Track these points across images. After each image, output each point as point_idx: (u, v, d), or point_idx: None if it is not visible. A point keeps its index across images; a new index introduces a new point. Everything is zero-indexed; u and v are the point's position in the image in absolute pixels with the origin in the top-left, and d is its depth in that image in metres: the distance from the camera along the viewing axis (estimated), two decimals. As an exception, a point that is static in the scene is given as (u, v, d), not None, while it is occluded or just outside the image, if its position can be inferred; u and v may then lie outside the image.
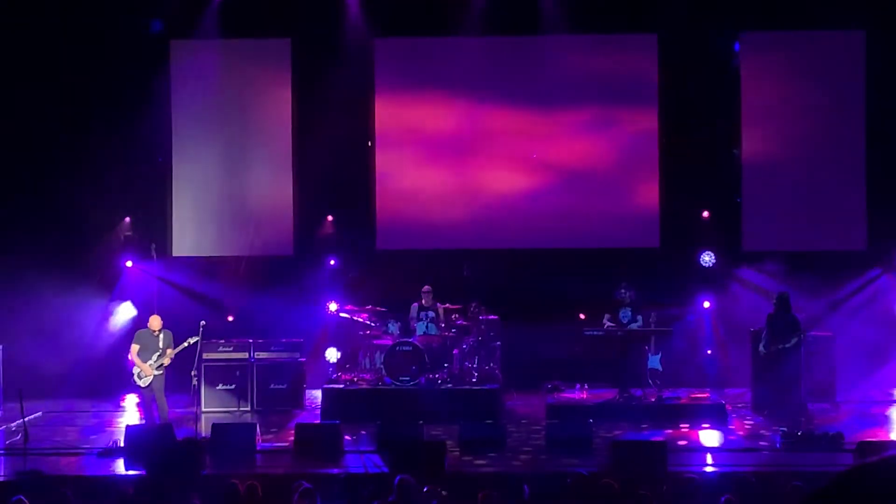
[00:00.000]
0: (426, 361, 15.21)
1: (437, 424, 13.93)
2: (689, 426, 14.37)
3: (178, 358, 13.98)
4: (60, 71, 17.00)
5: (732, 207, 17.58)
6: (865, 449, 11.58)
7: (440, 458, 11.91)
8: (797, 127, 17.50)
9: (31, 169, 17.27)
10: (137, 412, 15.45)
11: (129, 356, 14.23)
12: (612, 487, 9.31)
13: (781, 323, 15.20)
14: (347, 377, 15.62)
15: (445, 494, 9.32)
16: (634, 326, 15.39)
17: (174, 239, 17.91)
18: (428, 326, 15.87)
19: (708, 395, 15.83)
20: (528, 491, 9.87)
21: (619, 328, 15.35)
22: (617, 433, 13.72)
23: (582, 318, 16.40)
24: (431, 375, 15.42)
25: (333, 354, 15.79)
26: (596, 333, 15.42)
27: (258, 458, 12.89)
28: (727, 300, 17.40)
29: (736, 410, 15.47)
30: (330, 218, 17.80)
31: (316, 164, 17.62)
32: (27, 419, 13.52)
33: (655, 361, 15.44)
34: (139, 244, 17.62)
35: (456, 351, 15.74)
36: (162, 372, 13.98)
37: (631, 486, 9.52)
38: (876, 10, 16.97)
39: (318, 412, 15.43)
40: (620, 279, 15.78)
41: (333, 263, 17.56)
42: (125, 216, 17.73)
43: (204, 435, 13.30)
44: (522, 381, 16.54)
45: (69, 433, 14.57)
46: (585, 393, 15.94)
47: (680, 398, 15.59)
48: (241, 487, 9.27)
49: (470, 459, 12.62)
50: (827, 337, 16.21)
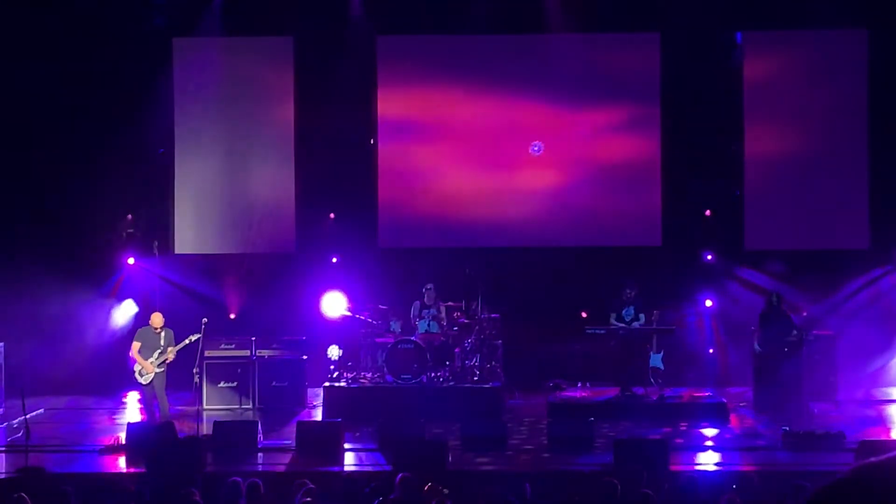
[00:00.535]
0: (428, 360, 15.20)
1: (438, 422, 13.93)
2: (690, 425, 14.36)
3: (179, 355, 13.98)
4: (63, 69, 16.98)
5: (734, 206, 17.57)
6: (867, 448, 11.57)
7: (442, 456, 11.91)
8: (799, 125, 17.48)
9: (33, 166, 17.26)
10: (139, 410, 15.45)
11: (130, 353, 14.23)
12: (613, 486, 9.31)
13: (775, 321, 15.23)
14: (349, 375, 15.61)
15: (447, 493, 9.31)
16: (637, 325, 15.39)
17: (176, 236, 17.90)
18: (430, 324, 15.86)
19: (709, 393, 15.82)
20: (529, 489, 9.88)
21: (622, 326, 15.35)
22: (618, 432, 13.72)
23: (584, 316, 16.40)
24: (433, 374, 15.41)
25: (335, 352, 15.79)
26: (598, 332, 15.43)
27: (260, 455, 12.88)
28: (729, 299, 17.39)
29: (737, 409, 15.46)
30: (332, 215, 17.79)
31: (318, 161, 17.63)
32: (29, 416, 13.52)
33: (657, 360, 15.43)
34: (141, 241, 17.62)
35: (458, 349, 15.73)
36: (163, 369, 13.98)
37: (633, 484, 9.52)
38: (879, 8, 16.95)
39: (319, 410, 15.43)
40: (622, 277, 15.79)
41: (336, 261, 17.55)
42: (127, 213, 17.73)
43: (205, 433, 13.29)
44: (524, 379, 16.54)
45: (71, 430, 14.58)
46: (587, 391, 15.94)
47: (681, 397, 15.59)
48: (242, 485, 9.27)
49: (471, 457, 12.62)
50: (829, 336, 16.20)
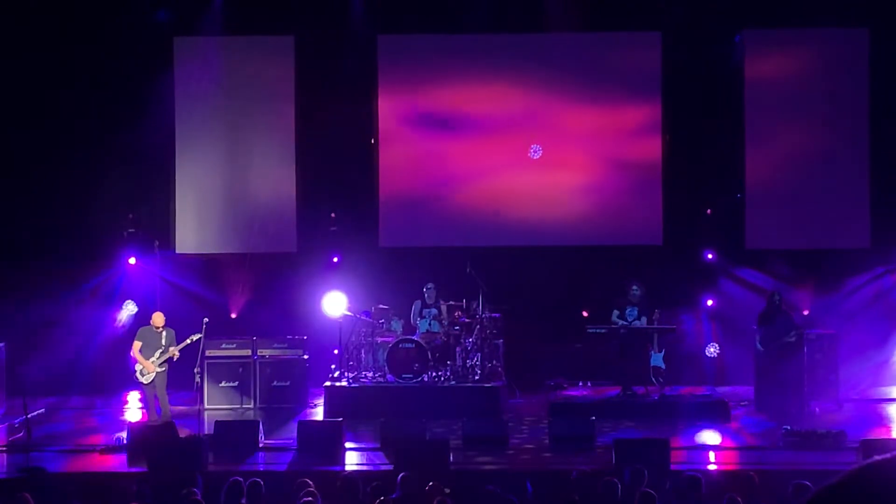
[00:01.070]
0: (429, 359, 15.21)
1: (439, 422, 13.94)
2: (691, 424, 14.35)
3: (180, 355, 13.98)
4: (63, 66, 16.98)
5: (736, 205, 17.56)
6: (868, 447, 11.57)
7: (443, 455, 11.91)
8: (800, 124, 17.47)
9: (34, 166, 17.26)
10: (140, 409, 15.46)
11: (131, 353, 14.23)
12: (614, 485, 9.31)
13: (776, 320, 15.24)
14: (350, 374, 15.61)
15: (448, 492, 9.32)
16: (639, 324, 15.39)
17: (177, 236, 17.91)
18: (431, 324, 15.87)
19: (710, 393, 15.82)
20: (530, 488, 9.89)
21: (623, 326, 15.35)
22: (619, 431, 13.72)
23: (585, 315, 16.39)
24: (434, 373, 15.42)
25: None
26: (599, 331, 15.43)
27: (261, 455, 12.89)
28: (730, 298, 17.39)
29: (738, 408, 15.46)
30: (333, 215, 17.79)
31: (319, 160, 17.63)
32: (30, 416, 13.53)
33: (658, 359, 15.43)
34: (142, 241, 17.62)
35: (459, 348, 15.73)
36: (164, 369, 13.99)
37: (633, 484, 9.52)
38: (880, 7, 16.94)
39: (320, 409, 15.44)
40: (623, 277, 15.79)
41: (336, 260, 17.56)
42: (128, 213, 17.72)
43: (207, 432, 13.30)
44: (525, 378, 16.54)
45: (71, 430, 14.58)
46: (588, 390, 15.94)
47: (683, 396, 15.59)
48: (243, 485, 9.28)
49: (473, 456, 12.62)
50: (830, 335, 16.19)
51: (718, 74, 17.41)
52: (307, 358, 16.16)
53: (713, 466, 12.35)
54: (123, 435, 13.20)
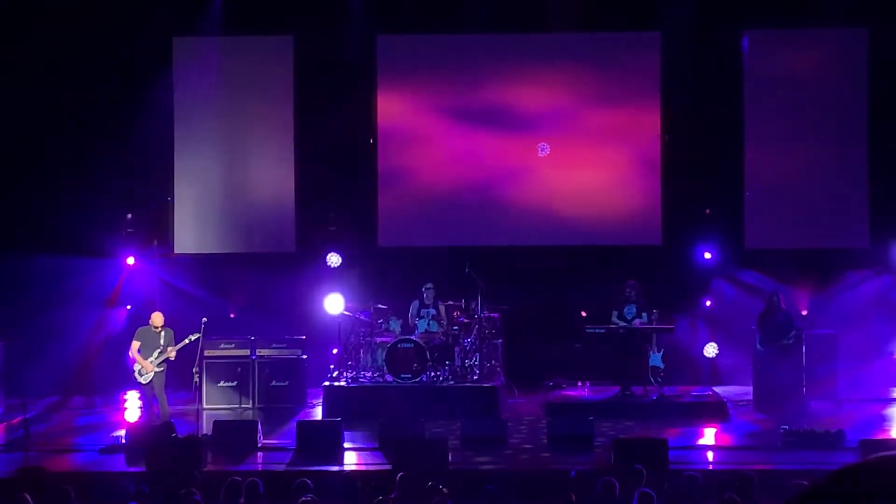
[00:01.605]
0: (428, 359, 15.20)
1: (438, 422, 13.94)
2: (690, 424, 14.35)
3: (179, 355, 13.97)
4: (63, 67, 16.98)
5: (735, 205, 17.55)
6: (867, 447, 11.57)
7: (442, 455, 11.90)
8: (800, 124, 17.46)
9: (32, 165, 17.26)
10: (138, 409, 15.45)
11: (129, 353, 14.23)
12: (613, 486, 9.31)
13: (774, 320, 15.23)
14: (349, 374, 15.61)
15: (447, 492, 9.32)
16: (638, 323, 15.39)
17: (176, 236, 17.90)
18: (429, 324, 15.86)
19: (709, 392, 15.81)
20: (529, 489, 9.88)
21: (622, 325, 15.35)
22: (618, 431, 13.71)
23: (583, 315, 16.39)
24: (433, 373, 15.41)
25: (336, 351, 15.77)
26: (597, 331, 15.42)
27: (259, 455, 12.88)
28: (729, 298, 17.38)
29: (737, 408, 15.46)
30: (332, 215, 17.78)
31: (318, 160, 17.63)
32: (28, 416, 13.52)
33: (657, 359, 15.43)
34: (141, 241, 17.61)
35: (457, 348, 15.73)
36: (163, 369, 13.98)
37: (632, 484, 9.51)
38: (880, 7, 16.93)
39: (319, 409, 15.43)
40: (622, 276, 15.80)
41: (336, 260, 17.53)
42: (127, 213, 17.72)
43: (205, 432, 13.29)
44: (524, 378, 16.53)
45: (71, 430, 14.58)
46: (587, 390, 15.94)
47: (681, 396, 15.58)
48: (242, 484, 9.27)
49: (471, 456, 12.61)
50: (829, 335, 16.18)
51: (718, 74, 17.40)
52: (306, 358, 16.16)
53: (712, 466, 12.34)
54: (122, 435, 13.20)
